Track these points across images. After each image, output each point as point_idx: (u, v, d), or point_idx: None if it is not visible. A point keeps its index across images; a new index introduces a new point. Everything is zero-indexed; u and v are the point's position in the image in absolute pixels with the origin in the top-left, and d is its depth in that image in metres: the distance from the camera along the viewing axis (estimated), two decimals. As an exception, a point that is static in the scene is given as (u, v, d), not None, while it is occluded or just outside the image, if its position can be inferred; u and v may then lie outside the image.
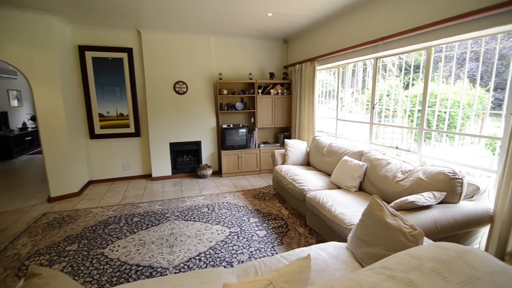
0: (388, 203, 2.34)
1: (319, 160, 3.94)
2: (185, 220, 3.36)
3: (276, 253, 2.63)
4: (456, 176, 2.23)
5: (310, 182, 3.28)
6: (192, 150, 5.34)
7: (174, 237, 2.95)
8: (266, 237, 2.94)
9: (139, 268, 2.43)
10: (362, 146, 3.76)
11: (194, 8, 3.61)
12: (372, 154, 3.14)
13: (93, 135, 4.76)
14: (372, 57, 3.52)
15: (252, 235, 2.97)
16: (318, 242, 2.80)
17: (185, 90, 5.02)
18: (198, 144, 5.26)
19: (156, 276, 2.32)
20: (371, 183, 2.97)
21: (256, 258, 2.56)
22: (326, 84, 4.90)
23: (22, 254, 2.68)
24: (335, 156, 3.60)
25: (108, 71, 4.68)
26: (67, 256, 2.64)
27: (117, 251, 2.70)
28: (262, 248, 2.73)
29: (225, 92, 5.12)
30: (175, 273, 2.36)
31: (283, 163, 4.24)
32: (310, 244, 2.73)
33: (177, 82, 4.96)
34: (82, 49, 4.47)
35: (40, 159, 6.74)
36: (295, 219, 3.34)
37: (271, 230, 3.09)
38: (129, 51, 4.71)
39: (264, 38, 5.37)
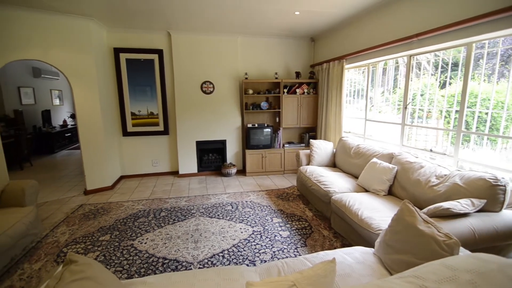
0: (420, 209, 2.21)
1: (345, 161, 3.83)
2: (209, 217, 3.43)
3: (299, 255, 2.60)
4: (498, 183, 2.05)
5: (336, 184, 3.20)
6: (217, 148, 5.44)
7: (198, 233, 3.03)
8: (289, 238, 2.91)
9: (166, 261, 2.52)
10: (392, 148, 3.59)
11: (223, 10, 3.66)
12: (403, 156, 2.99)
13: (125, 133, 5.02)
14: (405, 54, 3.35)
15: (275, 235, 2.96)
16: (343, 246, 2.72)
17: (211, 90, 5.13)
18: (223, 143, 5.34)
19: (181, 269, 2.40)
20: (401, 187, 2.83)
21: (278, 259, 2.54)
22: (354, 83, 4.75)
23: (61, 242, 2.89)
24: (363, 158, 3.48)
25: (140, 72, 4.91)
26: (100, 245, 2.81)
27: (145, 243, 2.83)
28: (285, 248, 2.71)
29: (250, 91, 5.15)
30: (199, 268, 2.42)
31: (308, 164, 4.17)
32: (335, 248, 2.67)
33: (204, 82, 5.08)
34: (117, 51, 4.73)
35: (78, 154, 7.23)
36: (320, 221, 3.27)
37: (294, 231, 3.05)
38: (159, 52, 4.90)
39: (291, 37, 5.32)
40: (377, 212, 2.45)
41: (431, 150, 3.17)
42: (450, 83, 3.22)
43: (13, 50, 3.52)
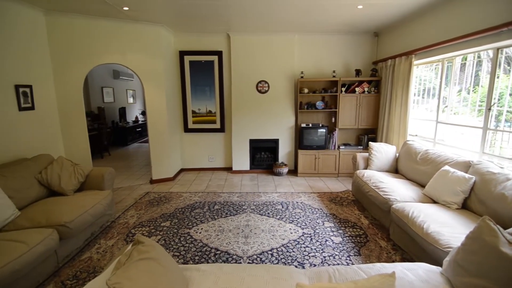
0: (504, 228, 1.87)
1: (410, 167, 3.47)
2: (260, 214, 3.48)
3: (352, 264, 2.45)
4: None
5: (398, 191, 2.92)
6: (270, 147, 5.48)
7: (249, 228, 3.09)
8: (341, 244, 2.77)
9: (218, 252, 2.64)
10: (469, 155, 3.13)
11: (281, 9, 3.66)
12: (484, 166, 2.57)
13: (186, 129, 5.43)
14: (491, 47, 2.87)
15: (326, 240, 2.85)
16: (403, 260, 2.48)
17: (266, 89, 5.18)
18: (276, 142, 5.36)
19: (231, 262, 2.48)
20: (479, 201, 2.44)
21: (329, 264, 2.45)
22: (424, 81, 4.26)
23: (130, 224, 3.27)
24: (432, 165, 3.11)
25: (200, 73, 5.24)
26: (161, 230, 3.09)
27: (200, 233, 3.01)
28: (336, 255, 2.59)
29: (305, 90, 5.05)
30: (248, 263, 2.47)
31: (365, 168, 3.91)
32: (393, 261, 2.44)
33: (260, 82, 5.16)
34: (182, 54, 5.13)
35: (146, 147, 8.08)
36: (376, 231, 3.03)
37: (347, 238, 2.89)
38: (219, 53, 5.16)
39: (351, 33, 5.04)
40: (447, 227, 2.16)
41: (522, 160, 2.66)
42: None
43: (99, 55, 4.09)
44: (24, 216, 2.44)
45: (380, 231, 3.01)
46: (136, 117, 9.88)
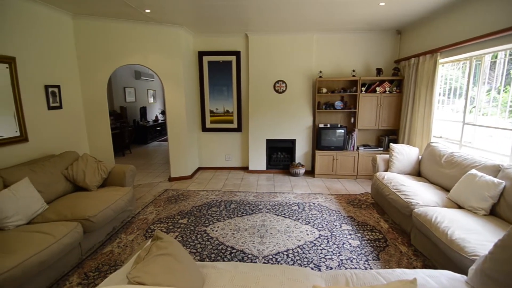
0: (539, 237, 1.75)
1: (434, 171, 3.33)
2: (275, 214, 3.46)
3: (371, 268, 2.39)
4: None
5: (420, 195, 2.81)
6: (287, 147, 5.45)
7: (264, 228, 3.09)
8: (359, 248, 2.71)
9: (233, 251, 2.66)
10: (499, 159, 2.95)
11: (299, 7, 3.62)
12: (515, 170, 2.42)
13: (204, 128, 5.51)
14: (526, 44, 2.69)
15: (344, 243, 2.79)
16: (424, 267, 2.38)
17: (284, 89, 5.15)
18: (292, 142, 5.32)
19: (246, 261, 2.49)
20: (510, 208, 2.30)
21: (346, 268, 2.40)
22: (450, 81, 4.07)
23: (149, 220, 3.36)
24: (457, 168, 2.96)
25: (218, 73, 5.30)
26: (179, 227, 3.15)
27: (216, 231, 3.04)
28: (353, 258, 2.53)
29: (324, 90, 4.97)
30: (264, 263, 2.47)
31: (386, 170, 3.79)
32: (414, 267, 2.36)
33: (277, 81, 5.14)
34: (201, 55, 5.22)
35: (165, 145, 8.28)
36: (397, 235, 2.94)
37: (366, 241, 2.82)
38: (237, 54, 5.19)
39: (372, 31, 4.90)
40: (473, 234, 2.05)
41: (559, 165, 2.48)
42: None
43: (122, 56, 4.24)
44: (52, 209, 2.58)
45: (401, 236, 2.91)
46: (156, 117, 10.15)
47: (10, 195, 2.34)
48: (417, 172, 3.69)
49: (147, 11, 3.73)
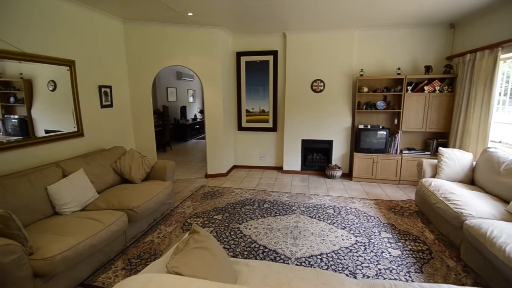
0: None
1: (491, 179, 2.98)
2: (309, 216, 3.39)
3: (412, 281, 2.22)
4: None
5: (473, 205, 2.54)
6: (323, 148, 5.30)
7: (298, 230, 3.04)
8: (400, 258, 2.53)
9: (266, 250, 2.66)
10: None
11: (340, 2, 3.49)
12: None
13: (240, 127, 5.60)
14: None
15: (383, 252, 2.63)
16: (475, 285, 2.15)
17: (322, 88, 5.02)
18: (329, 143, 5.16)
19: (279, 261, 2.48)
20: None
21: (385, 278, 2.26)
22: (513, 79, 3.61)
23: (186, 213, 3.51)
24: (520, 177, 2.62)
25: (255, 72, 5.35)
26: (214, 223, 3.25)
27: (249, 229, 3.07)
28: (393, 269, 2.38)
29: (365, 89, 4.73)
30: (296, 265, 2.43)
31: (433, 176, 3.49)
32: (464, 284, 2.14)
33: (315, 81, 5.03)
34: (239, 55, 5.31)
35: (203, 143, 8.59)
36: (444, 248, 2.69)
37: (407, 252, 2.63)
38: (274, 53, 5.18)
39: (421, 26, 4.54)
40: (541, 253, 1.79)
41: None
42: None
43: (165, 58, 4.48)
44: (102, 198, 2.82)
45: (448, 249, 2.66)
46: (195, 115, 10.58)
47: (68, 184, 2.62)
48: (470, 180, 3.34)
49: (190, 14, 3.89)
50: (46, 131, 3.01)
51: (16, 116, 2.77)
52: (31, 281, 1.78)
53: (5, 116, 2.68)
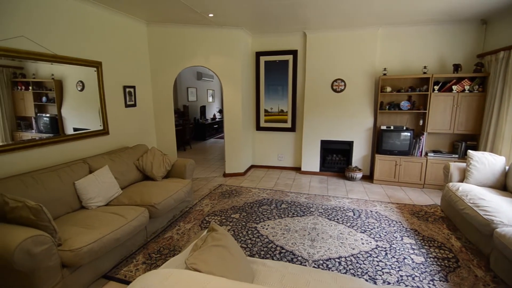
0: None
1: (525, 185, 2.79)
2: (328, 219, 3.33)
3: (437, 289, 2.12)
4: None
5: (505, 213, 2.38)
6: (343, 149, 5.19)
7: (316, 232, 3.00)
8: (423, 265, 2.42)
9: (283, 251, 2.64)
10: None
11: (369, 1, 3.39)
12: None
13: (258, 127, 5.61)
14: None
15: (405, 258, 2.53)
16: (509, 297, 2.01)
17: (342, 88, 4.91)
18: (349, 144, 5.04)
19: (296, 263, 2.45)
20: None
21: (407, 286, 2.17)
22: (553, 78, 3.35)
23: (204, 211, 3.57)
24: (560, 184, 2.42)
25: (274, 72, 5.33)
26: (231, 221, 3.27)
27: (266, 229, 3.07)
28: (416, 276, 2.28)
29: (388, 89, 4.57)
30: (314, 267, 2.39)
31: (460, 181, 3.31)
32: (495, 296, 2.01)
33: (335, 80, 4.93)
34: (258, 55, 5.31)
35: (221, 143, 8.69)
36: (471, 256, 2.54)
37: (432, 259, 2.51)
38: (294, 53, 5.14)
39: (449, 22, 4.31)
40: None
41: None
42: None
43: (187, 59, 4.58)
44: (125, 194, 2.93)
45: (477, 258, 2.51)
46: (214, 115, 10.73)
47: (94, 179, 2.75)
48: (502, 186, 3.13)
49: (211, 15, 3.95)
50: (74, 129, 3.17)
51: (47, 115, 2.94)
52: (59, 271, 1.88)
53: (38, 114, 2.85)
